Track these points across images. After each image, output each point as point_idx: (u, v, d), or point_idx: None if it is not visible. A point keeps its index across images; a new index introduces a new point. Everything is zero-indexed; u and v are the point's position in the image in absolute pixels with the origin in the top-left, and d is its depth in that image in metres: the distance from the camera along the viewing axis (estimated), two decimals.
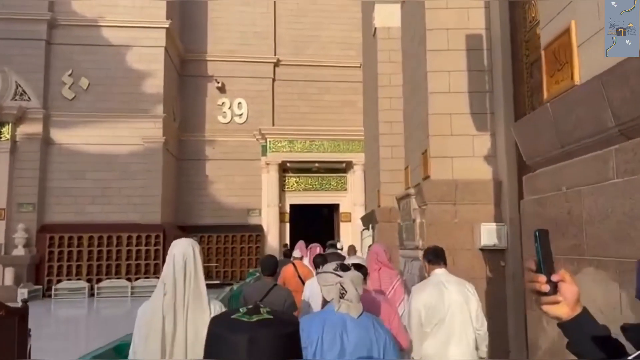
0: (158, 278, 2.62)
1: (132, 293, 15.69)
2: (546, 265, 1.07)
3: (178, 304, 2.46)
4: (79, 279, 15.83)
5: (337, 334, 2.29)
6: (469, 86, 6.30)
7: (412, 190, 6.65)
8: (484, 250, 5.93)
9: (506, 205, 5.92)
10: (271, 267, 4.77)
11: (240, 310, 0.90)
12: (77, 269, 15.97)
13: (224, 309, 2.56)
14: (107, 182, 16.50)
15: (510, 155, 5.87)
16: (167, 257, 2.56)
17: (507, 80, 5.96)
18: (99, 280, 15.92)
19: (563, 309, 1.10)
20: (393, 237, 10.71)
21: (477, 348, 3.51)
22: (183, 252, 2.53)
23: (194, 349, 2.42)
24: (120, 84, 16.80)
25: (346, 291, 2.36)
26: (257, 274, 11.64)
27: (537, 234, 1.08)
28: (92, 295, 15.64)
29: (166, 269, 2.53)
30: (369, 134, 13.49)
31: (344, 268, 2.63)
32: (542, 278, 1.07)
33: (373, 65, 12.05)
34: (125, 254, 16.18)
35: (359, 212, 18.15)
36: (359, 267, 3.16)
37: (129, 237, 16.24)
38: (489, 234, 5.85)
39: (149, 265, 16.21)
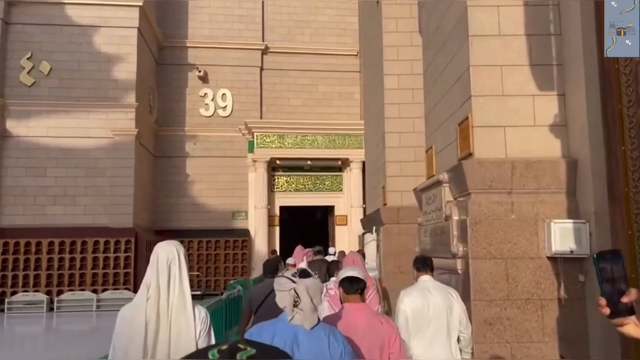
0: (128, 289, 3.04)
1: (98, 307, 13.71)
2: (609, 287, 1.05)
3: (162, 308, 2.42)
4: (36, 291, 13.82)
5: (287, 346, 2.12)
6: (528, 26, 4.48)
7: (443, 176, 4.79)
8: (555, 259, 4.09)
9: (587, 194, 4.07)
10: (273, 268, 4.87)
11: (210, 355, 0.68)
12: (34, 279, 13.96)
13: (208, 315, 2.56)
14: (71, 180, 14.54)
15: (593, 124, 4.03)
16: (151, 260, 2.51)
17: (587, 16, 4.11)
18: (59, 292, 13.93)
19: (637, 330, 1.08)
20: (402, 241, 8.87)
21: (460, 350, 3.64)
22: (167, 254, 2.49)
23: (177, 352, 2.37)
24: (87, 69, 14.87)
25: (300, 300, 2.18)
26: (238, 287, 9.72)
27: (595, 257, 1.08)
28: (51, 309, 13.67)
29: (149, 272, 2.49)
30: (370, 122, 11.65)
31: (304, 274, 2.27)
32: (602, 301, 1.07)
33: (376, 38, 10.22)
34: (90, 262, 14.19)
35: (356, 215, 16.34)
36: (356, 280, 2.77)
37: (96, 243, 14.26)
38: (563, 236, 4.02)
39: (118, 275, 14.23)
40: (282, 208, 18.01)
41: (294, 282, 2.20)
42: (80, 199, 14.53)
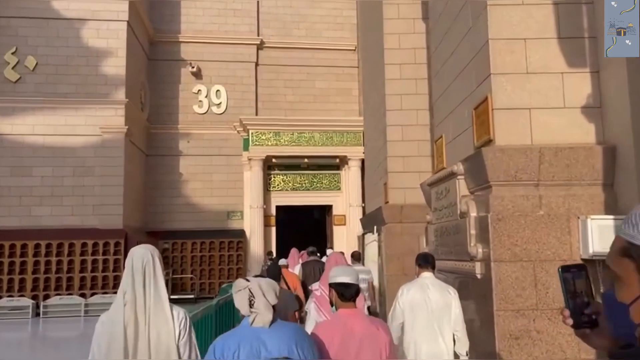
0: None
1: (86, 312, 13.08)
2: (573, 300, 1.09)
3: (139, 312, 2.45)
4: (21, 296, 13.19)
5: (254, 349, 2.14)
6: None
7: (458, 167, 4.22)
8: (592, 261, 3.52)
9: (629, 186, 3.51)
10: (276, 274, 4.99)
11: None
12: (19, 283, 13.33)
13: (187, 316, 2.58)
14: (58, 180, 13.92)
15: (636, 104, 3.46)
16: (126, 265, 2.54)
17: None
18: (46, 297, 13.30)
19: (600, 341, 1.10)
20: (405, 242, 8.29)
21: (455, 349, 3.71)
22: (141, 258, 2.51)
23: (158, 353, 2.40)
24: (75, 64, 14.25)
25: (255, 298, 2.21)
26: (231, 291, 9.13)
27: (559, 270, 1.12)
28: (37, 314, 13.04)
29: (125, 278, 2.51)
30: (370, 116, 11.07)
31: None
32: (566, 312, 1.10)
33: (376, 27, 9.64)
34: (78, 265, 13.57)
35: (355, 215, 15.75)
36: (351, 286, 2.69)
37: (84, 245, 13.64)
38: (602, 235, 3.45)
39: (107, 278, 13.61)
40: (278, 208, 17.41)
41: (248, 281, 2.25)
42: (68, 199, 13.91)
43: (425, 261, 3.78)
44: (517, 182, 3.64)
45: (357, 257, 8.22)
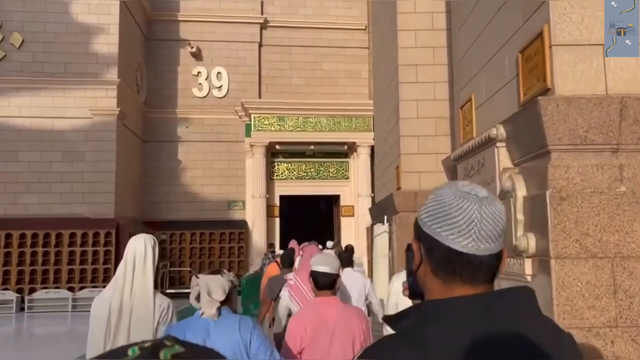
0: None
1: (74, 307, 12.20)
2: (410, 273, 1.09)
3: (125, 298, 2.61)
4: (5, 289, 12.33)
5: (198, 338, 2.24)
6: None
7: (498, 130, 3.14)
8: None
9: None
10: (289, 260, 5.30)
11: (130, 352, 0.60)
12: (4, 275, 12.48)
13: (171, 306, 2.74)
14: (45, 166, 13.03)
15: None
16: (124, 253, 2.72)
17: None
18: (32, 291, 12.43)
19: None
20: None
21: None
22: (134, 247, 2.68)
23: (135, 339, 2.15)
24: (63, 41, 13.30)
25: (201, 294, 2.39)
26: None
27: (406, 247, 1.11)
28: (22, 309, 12.17)
29: (120, 265, 2.70)
30: (381, 94, 9.98)
31: (214, 272, 2.57)
32: (405, 284, 1.10)
33: None
34: (66, 257, 12.68)
35: (364, 205, 14.71)
36: (328, 275, 2.77)
37: (73, 235, 12.74)
38: None
39: (97, 271, 12.71)
40: (282, 198, 16.39)
41: (198, 278, 2.46)
42: (56, 186, 13.02)
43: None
44: (587, 147, 2.57)
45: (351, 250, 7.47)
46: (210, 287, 2.36)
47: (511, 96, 3.24)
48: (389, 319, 0.96)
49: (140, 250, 2.66)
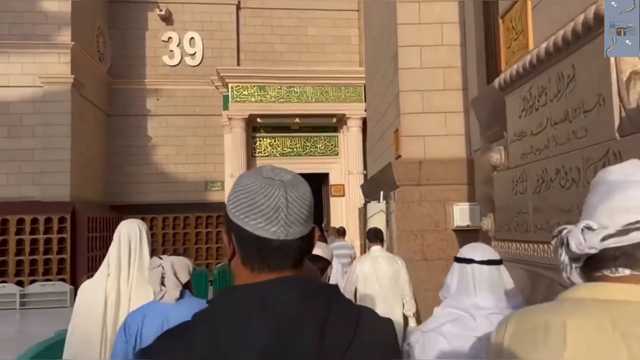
0: (63, 281, 3.29)
1: (22, 303, 10.61)
2: None
3: (122, 284, 2.54)
4: None
5: (158, 323, 2.21)
6: None
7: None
8: None
9: None
10: None
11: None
12: None
13: None
14: None
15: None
16: (114, 238, 2.61)
17: None
18: None
19: None
20: (426, 212, 5.68)
21: (404, 312, 4.51)
22: (129, 230, 2.62)
23: None
24: None
25: (166, 275, 2.31)
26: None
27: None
28: None
29: (112, 249, 2.59)
30: (373, 43, 8.30)
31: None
32: None
33: None
34: (14, 247, 11.06)
35: (355, 184, 13.18)
36: (319, 259, 2.73)
37: (20, 222, 11.11)
38: None
39: (50, 262, 11.09)
40: None
41: (161, 259, 2.35)
42: (1, 165, 11.33)
43: (375, 236, 4.75)
44: None
45: (342, 232, 9.09)
46: (176, 269, 2.32)
47: None
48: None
49: (134, 232, 2.62)
